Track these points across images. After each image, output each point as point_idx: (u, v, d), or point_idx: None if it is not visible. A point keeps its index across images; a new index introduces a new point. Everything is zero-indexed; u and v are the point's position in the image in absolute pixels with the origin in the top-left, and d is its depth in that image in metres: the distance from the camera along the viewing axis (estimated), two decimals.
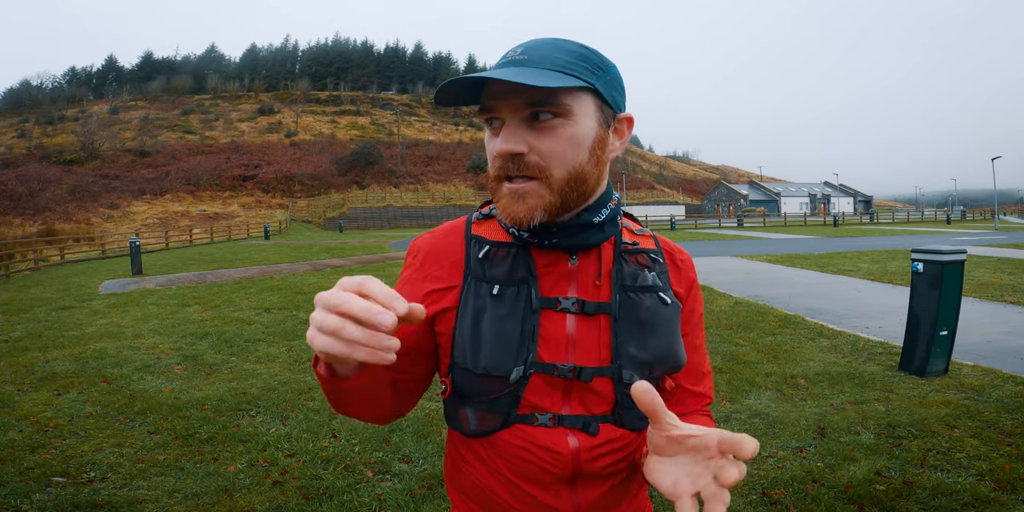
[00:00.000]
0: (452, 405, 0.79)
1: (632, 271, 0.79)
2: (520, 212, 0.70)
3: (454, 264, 0.79)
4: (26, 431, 3.44)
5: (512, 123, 0.70)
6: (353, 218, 44.46)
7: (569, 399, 0.74)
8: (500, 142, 0.69)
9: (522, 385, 0.73)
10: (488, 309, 0.74)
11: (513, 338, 0.72)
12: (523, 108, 0.69)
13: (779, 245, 18.22)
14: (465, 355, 0.74)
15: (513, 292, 0.74)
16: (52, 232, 26.31)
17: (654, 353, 0.76)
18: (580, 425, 0.74)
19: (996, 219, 32.09)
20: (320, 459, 3.00)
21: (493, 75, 0.65)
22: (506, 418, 0.74)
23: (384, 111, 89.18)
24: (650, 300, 0.77)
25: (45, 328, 6.73)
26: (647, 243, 0.84)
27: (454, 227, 0.83)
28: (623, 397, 0.75)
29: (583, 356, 0.74)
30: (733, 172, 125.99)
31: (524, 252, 0.77)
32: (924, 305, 4.09)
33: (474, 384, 0.75)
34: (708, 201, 73.51)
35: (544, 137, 0.69)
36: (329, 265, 13.36)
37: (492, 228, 0.81)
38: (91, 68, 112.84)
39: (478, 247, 0.78)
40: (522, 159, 0.69)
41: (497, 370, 0.72)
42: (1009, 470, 2.61)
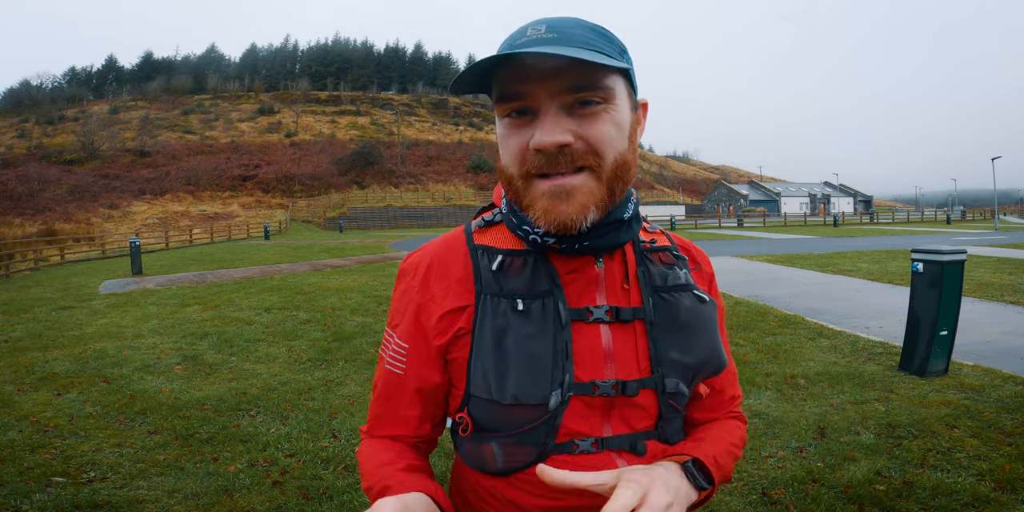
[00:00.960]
0: (471, 443, 0.69)
1: (660, 271, 0.72)
2: (571, 212, 0.61)
3: (461, 281, 0.69)
4: (26, 431, 3.44)
5: (551, 111, 0.60)
6: (353, 218, 44.45)
7: (610, 419, 0.67)
8: (543, 134, 0.59)
9: (560, 411, 0.64)
10: (512, 328, 0.64)
11: (545, 359, 0.63)
12: (563, 94, 0.60)
13: (779, 245, 18.21)
14: (488, 385, 0.64)
15: (539, 306, 0.65)
16: (52, 232, 26.31)
17: (699, 356, 0.69)
18: (627, 446, 0.67)
19: (996, 219, 32.09)
20: (320, 459, 3.00)
21: (545, 50, 0.55)
22: (542, 450, 0.65)
23: (384, 111, 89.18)
24: (688, 299, 0.70)
25: (45, 328, 6.73)
26: (662, 240, 0.77)
27: (452, 239, 0.74)
28: (667, 408, 0.69)
29: (622, 369, 0.66)
30: (733, 172, 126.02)
31: (543, 259, 0.68)
32: (924, 305, 4.09)
33: (500, 416, 0.66)
34: (708, 201, 73.50)
35: (590, 124, 0.61)
36: (329, 265, 13.35)
37: (499, 236, 0.72)
38: (91, 68, 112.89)
39: (488, 258, 0.69)
40: (570, 149, 0.60)
41: (529, 398, 0.63)
42: (1009, 470, 2.60)
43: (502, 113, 0.63)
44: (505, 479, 0.68)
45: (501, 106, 0.63)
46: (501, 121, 0.64)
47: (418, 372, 0.70)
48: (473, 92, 0.65)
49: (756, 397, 3.77)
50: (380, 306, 7.43)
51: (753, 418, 3.41)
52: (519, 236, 0.69)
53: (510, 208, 0.71)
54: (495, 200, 0.77)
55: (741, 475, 2.70)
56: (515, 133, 0.63)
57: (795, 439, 3.09)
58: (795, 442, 3.05)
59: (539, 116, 0.61)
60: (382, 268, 12.22)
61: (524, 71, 0.59)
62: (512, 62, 0.59)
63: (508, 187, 0.66)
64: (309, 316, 6.91)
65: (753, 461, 2.85)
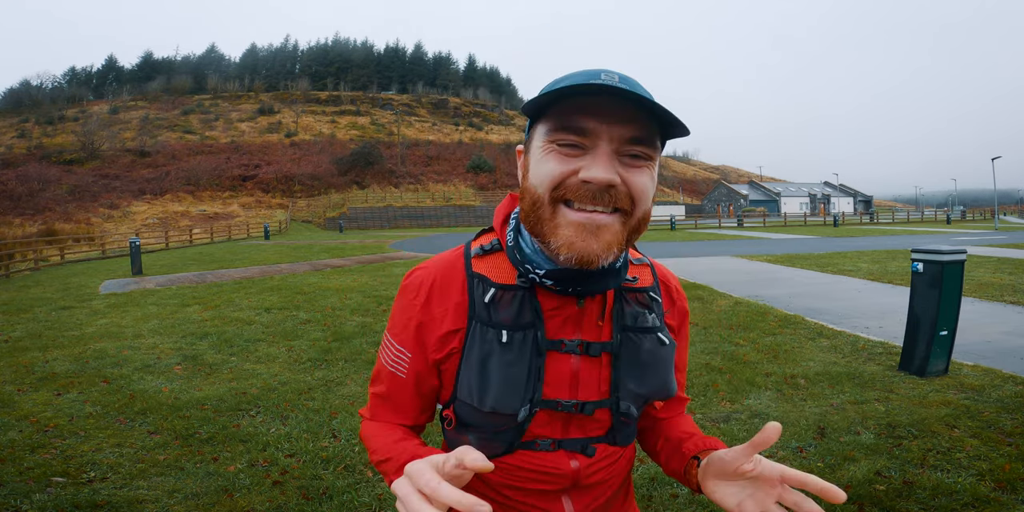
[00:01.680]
0: (454, 433, 0.81)
1: (633, 312, 0.79)
2: (598, 249, 0.65)
3: (458, 306, 0.76)
4: (26, 431, 3.44)
5: (607, 151, 0.65)
6: (353, 218, 44.45)
7: (568, 427, 0.78)
8: (601, 170, 0.64)
9: (528, 420, 0.75)
10: (496, 355, 0.73)
11: (520, 381, 0.73)
12: (623, 143, 0.65)
13: (779, 245, 18.22)
14: (471, 395, 0.75)
15: (520, 337, 0.74)
16: (52, 232, 26.31)
17: (651, 388, 0.79)
18: (579, 448, 0.78)
19: (996, 219, 32.10)
20: (320, 459, 3.00)
21: (626, 88, 0.61)
22: (509, 447, 0.77)
23: (384, 111, 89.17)
24: (649, 342, 0.79)
25: (45, 328, 6.73)
26: (645, 276, 0.84)
27: (452, 261, 0.80)
28: (618, 423, 0.80)
29: (584, 392, 0.76)
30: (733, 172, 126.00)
31: (531, 295, 0.75)
32: (924, 305, 4.09)
33: (479, 419, 0.77)
34: (708, 201, 73.50)
35: (635, 173, 0.66)
36: (329, 265, 13.35)
37: (495, 266, 0.78)
38: (91, 68, 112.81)
39: (482, 288, 0.76)
40: (614, 190, 0.65)
41: (504, 409, 0.74)
42: (1009, 470, 2.61)
43: (552, 139, 0.67)
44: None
45: (556, 134, 0.66)
46: (546, 145, 0.68)
47: (417, 377, 0.79)
48: (531, 113, 0.70)
49: (756, 397, 3.77)
50: (380, 306, 7.43)
51: (753, 418, 3.41)
52: (518, 272, 0.76)
53: (516, 243, 0.77)
54: (495, 225, 0.82)
55: None
56: (560, 161, 0.66)
57: (795, 439, 3.09)
58: (795, 442, 3.05)
59: (593, 152, 0.65)
60: (382, 268, 12.22)
61: (599, 110, 0.64)
62: (588, 97, 0.63)
63: (531, 208, 0.69)
64: (309, 316, 6.90)
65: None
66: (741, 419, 3.40)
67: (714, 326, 5.85)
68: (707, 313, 6.53)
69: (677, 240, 22.29)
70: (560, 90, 0.62)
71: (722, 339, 5.32)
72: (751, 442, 0.64)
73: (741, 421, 3.37)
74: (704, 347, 5.05)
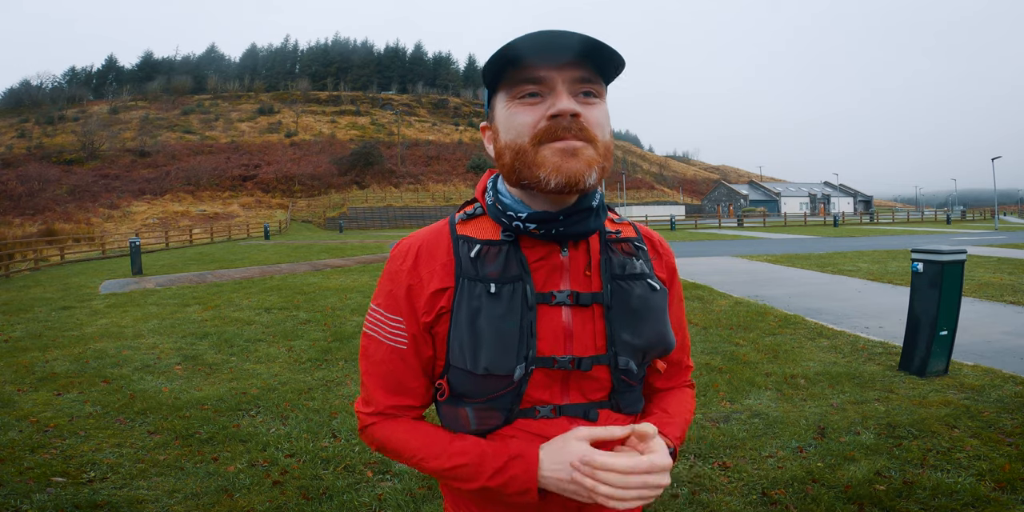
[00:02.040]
0: (449, 406, 0.79)
1: (620, 260, 0.80)
2: (580, 167, 0.70)
3: (444, 266, 0.77)
4: (26, 431, 3.44)
5: (564, 89, 0.71)
6: (353, 218, 44.46)
7: (567, 389, 0.76)
8: (564, 103, 0.70)
9: (524, 381, 0.74)
10: (484, 309, 0.73)
11: (513, 336, 0.72)
12: (575, 82, 0.71)
13: (779, 245, 18.21)
14: (464, 357, 0.74)
15: (509, 290, 0.74)
16: (52, 232, 26.32)
17: (647, 339, 0.78)
18: (581, 413, 0.76)
19: (996, 219, 32.10)
20: (320, 459, 3.00)
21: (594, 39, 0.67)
22: (508, 415, 0.75)
23: (384, 111, 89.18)
24: (640, 288, 0.79)
25: (45, 328, 6.73)
26: (628, 231, 0.85)
27: (438, 229, 0.82)
28: (619, 383, 0.78)
29: (580, 346, 0.76)
30: (733, 172, 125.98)
31: (515, 249, 0.77)
32: (924, 305, 4.09)
33: (473, 384, 0.75)
34: (708, 201, 73.50)
35: (590, 108, 0.72)
36: (329, 265, 13.36)
37: (479, 227, 0.80)
38: (91, 68, 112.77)
39: (467, 247, 0.77)
40: (579, 121, 0.70)
41: (499, 369, 0.72)
42: (1009, 470, 2.61)
43: (514, 96, 0.73)
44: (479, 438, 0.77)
45: (516, 88, 0.72)
46: (509, 104, 0.73)
47: (416, 345, 0.78)
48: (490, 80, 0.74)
49: (756, 397, 3.77)
50: None
51: (753, 418, 3.41)
52: (502, 223, 0.78)
53: (496, 199, 0.80)
54: (478, 195, 0.85)
55: (741, 475, 2.70)
56: (527, 111, 0.72)
57: (795, 439, 3.09)
58: (795, 442, 3.05)
59: (554, 94, 0.71)
60: (382, 268, 12.20)
61: (547, 60, 0.70)
62: (534, 51, 0.69)
63: (515, 158, 0.73)
64: (309, 316, 6.90)
65: (753, 461, 2.85)
66: (741, 419, 3.40)
67: (714, 326, 5.85)
68: (707, 313, 6.52)
69: (677, 240, 22.29)
70: (513, 46, 0.68)
71: (722, 339, 5.32)
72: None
73: (741, 421, 3.37)
74: (704, 347, 5.05)
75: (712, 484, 2.63)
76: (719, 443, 3.05)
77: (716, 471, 2.76)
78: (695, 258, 13.71)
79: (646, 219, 38.48)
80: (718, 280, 9.45)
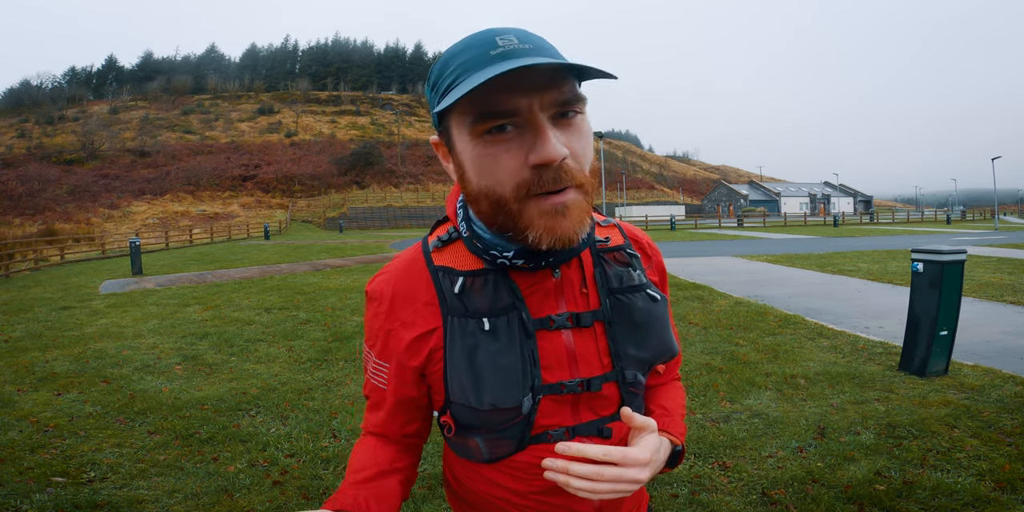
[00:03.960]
0: (458, 438, 0.76)
1: (616, 272, 0.75)
2: (571, 229, 0.62)
3: (427, 305, 0.71)
4: (26, 431, 3.44)
5: (547, 124, 0.60)
6: (353, 218, 44.45)
7: (578, 410, 0.73)
8: (550, 149, 0.58)
9: (533, 411, 0.70)
10: (481, 346, 0.68)
11: (515, 369, 0.68)
12: (552, 106, 0.60)
13: (779, 245, 18.21)
14: (465, 394, 0.70)
15: (504, 322, 0.69)
16: (52, 232, 26.31)
17: (654, 351, 0.76)
18: (595, 431, 0.73)
19: (996, 219, 32.11)
20: (320, 459, 3.00)
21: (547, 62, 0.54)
22: (520, 442, 0.72)
23: (384, 111, 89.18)
24: (641, 300, 0.75)
25: (45, 328, 6.73)
26: (616, 237, 0.80)
27: (411, 261, 0.75)
28: (627, 395, 0.75)
29: (586, 368, 0.72)
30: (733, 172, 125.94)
31: (503, 276, 0.71)
32: (924, 305, 4.09)
33: (479, 419, 0.71)
34: (708, 201, 73.49)
35: (573, 136, 0.62)
36: (329, 265, 13.35)
37: (457, 255, 0.73)
38: (91, 68, 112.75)
39: (448, 280, 0.71)
40: (562, 166, 0.60)
41: (504, 403, 0.69)
42: (1009, 470, 2.60)
43: (479, 132, 0.60)
44: (491, 465, 0.74)
45: (482, 123, 0.60)
46: (474, 139, 0.61)
47: (398, 388, 0.75)
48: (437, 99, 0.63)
49: (756, 397, 3.77)
50: None
51: (753, 418, 3.41)
52: (484, 260, 0.71)
53: (472, 232, 0.71)
54: (449, 214, 0.77)
55: (741, 475, 2.70)
56: (502, 151, 0.61)
57: (795, 439, 3.09)
58: (795, 442, 3.05)
59: (532, 129, 0.60)
60: (382, 268, 12.20)
61: (517, 84, 0.57)
62: (502, 76, 0.56)
63: (498, 211, 0.64)
64: (309, 316, 6.90)
65: (753, 461, 2.85)
66: (741, 419, 3.40)
67: (714, 326, 5.85)
68: (707, 313, 6.52)
69: (677, 240, 22.29)
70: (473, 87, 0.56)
71: (722, 339, 5.32)
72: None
73: (741, 421, 3.37)
74: (704, 347, 5.04)
75: (712, 484, 2.63)
76: (719, 443, 3.05)
77: (716, 471, 2.76)
78: (695, 258, 13.71)
79: (646, 219, 38.48)
80: (718, 280, 9.45)
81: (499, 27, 0.63)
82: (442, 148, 0.70)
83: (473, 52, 0.60)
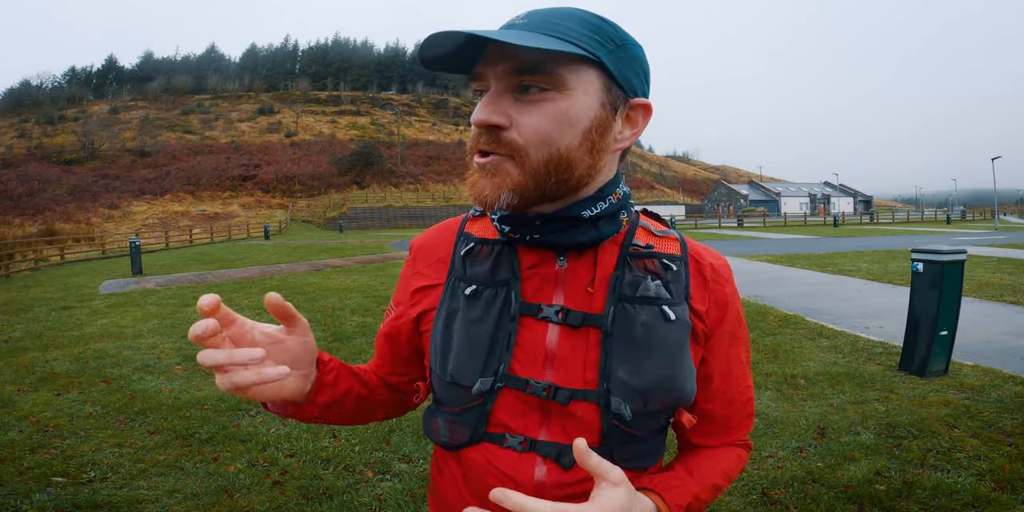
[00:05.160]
0: (429, 413, 0.74)
1: (634, 279, 0.66)
2: (486, 189, 0.61)
3: (440, 261, 0.74)
4: (26, 431, 3.44)
5: (496, 91, 0.61)
6: (353, 218, 44.46)
7: (547, 423, 0.65)
8: (477, 111, 0.61)
9: (490, 399, 0.65)
10: (461, 311, 0.67)
11: (482, 345, 0.65)
12: (510, 75, 0.59)
13: (779, 245, 18.21)
14: (435, 358, 0.68)
15: (491, 294, 0.66)
16: (52, 232, 26.31)
17: (649, 380, 0.63)
18: (554, 455, 0.64)
19: (996, 219, 32.11)
20: (320, 459, 3.00)
21: (474, 32, 0.55)
22: (473, 433, 0.67)
23: (384, 111, 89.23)
24: (647, 314, 0.64)
25: (45, 328, 6.73)
26: (668, 247, 0.70)
27: (451, 224, 0.78)
28: (611, 429, 0.64)
29: (564, 375, 0.64)
30: (733, 172, 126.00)
31: (510, 250, 0.68)
32: (924, 305, 4.09)
33: (444, 392, 0.69)
34: (708, 201, 73.50)
35: (529, 112, 0.60)
36: (329, 265, 13.35)
37: (484, 226, 0.74)
38: (91, 68, 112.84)
39: (464, 244, 0.72)
40: (498, 133, 0.60)
41: (463, 379, 0.65)
42: (1009, 470, 2.61)
43: (475, 93, 0.65)
44: (452, 453, 0.70)
45: (472, 85, 0.65)
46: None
47: (391, 325, 0.77)
48: (445, 70, 0.65)
49: (756, 397, 3.76)
50: (380, 306, 7.42)
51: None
52: (498, 230, 0.70)
53: None
54: None
55: (741, 475, 2.70)
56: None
57: (795, 439, 3.09)
58: (795, 442, 3.05)
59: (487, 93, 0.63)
60: (382, 268, 12.22)
61: (488, 53, 0.61)
62: (483, 46, 0.60)
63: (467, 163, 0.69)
64: (309, 316, 6.90)
65: (753, 461, 2.85)
66: None
67: None
68: None
69: None
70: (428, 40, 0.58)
71: None
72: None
73: None
74: None
75: None
76: None
77: None
78: None
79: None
80: None
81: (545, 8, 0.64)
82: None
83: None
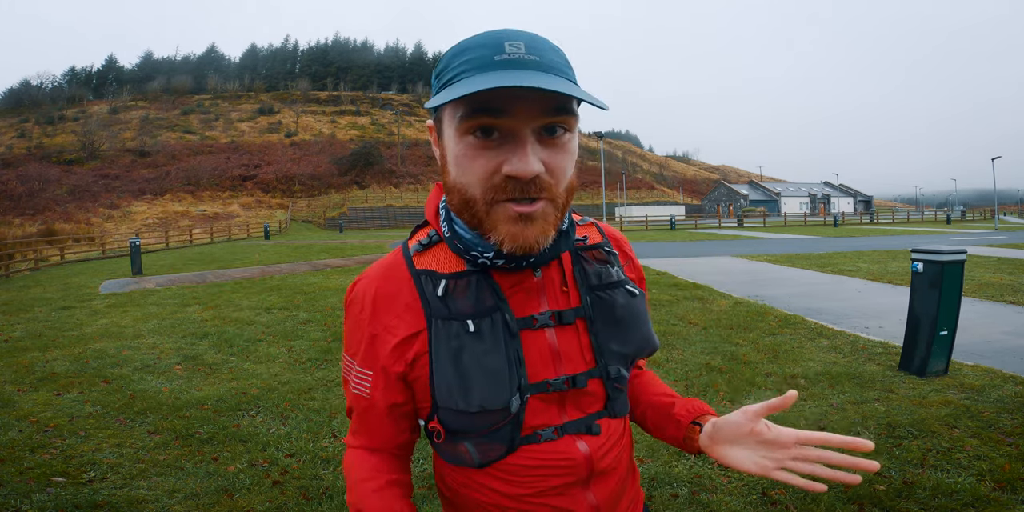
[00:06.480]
0: (447, 444, 0.75)
1: (595, 269, 0.77)
2: (532, 237, 0.63)
3: (408, 307, 0.72)
4: (26, 431, 3.44)
5: (529, 138, 0.61)
6: (353, 218, 44.48)
7: (565, 408, 0.73)
8: (524, 163, 0.60)
9: (522, 411, 0.71)
10: (467, 348, 0.69)
11: (502, 370, 0.69)
12: (540, 118, 0.61)
13: (779, 245, 18.20)
14: (453, 397, 0.69)
15: (488, 324, 0.69)
16: (52, 232, 26.31)
17: (636, 345, 0.77)
18: (584, 429, 0.74)
19: (996, 219, 32.13)
20: (320, 459, 3.00)
21: (538, 85, 0.55)
22: (511, 444, 0.72)
23: (384, 111, 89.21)
24: (621, 296, 0.77)
25: (45, 328, 6.73)
26: (594, 235, 0.82)
27: (391, 265, 0.75)
28: (613, 390, 0.76)
29: (569, 365, 0.73)
30: (733, 172, 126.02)
31: (485, 277, 0.71)
32: (924, 305, 4.09)
33: (469, 421, 0.71)
34: (708, 201, 73.51)
35: (555, 153, 0.63)
36: (329, 265, 13.35)
37: (438, 258, 0.74)
38: (91, 68, 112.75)
39: (432, 283, 0.71)
40: (540, 179, 0.62)
41: (493, 404, 0.69)
42: (1009, 470, 2.60)
43: (467, 129, 0.62)
44: (483, 469, 0.73)
45: (470, 119, 0.61)
46: (462, 138, 0.63)
47: (383, 395, 0.74)
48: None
49: (756, 397, 3.77)
50: None
51: None
52: (465, 260, 0.72)
53: (453, 232, 0.73)
54: (429, 217, 0.78)
55: (741, 475, 2.70)
56: (481, 155, 0.62)
57: None
58: None
59: (514, 141, 0.61)
60: None
61: (511, 92, 0.58)
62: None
63: (465, 208, 0.66)
64: (309, 316, 6.90)
65: None
66: None
67: (714, 326, 5.85)
68: (707, 313, 6.52)
69: (677, 240, 22.29)
70: (471, 92, 0.56)
71: (722, 339, 5.32)
72: (766, 405, 0.68)
73: None
74: (704, 347, 5.04)
75: (712, 484, 2.63)
76: None
77: (716, 471, 2.76)
78: (695, 258, 13.71)
79: (646, 219, 38.47)
80: (718, 280, 9.45)
81: (513, 30, 0.63)
82: (434, 133, 0.71)
83: (479, 52, 0.61)
